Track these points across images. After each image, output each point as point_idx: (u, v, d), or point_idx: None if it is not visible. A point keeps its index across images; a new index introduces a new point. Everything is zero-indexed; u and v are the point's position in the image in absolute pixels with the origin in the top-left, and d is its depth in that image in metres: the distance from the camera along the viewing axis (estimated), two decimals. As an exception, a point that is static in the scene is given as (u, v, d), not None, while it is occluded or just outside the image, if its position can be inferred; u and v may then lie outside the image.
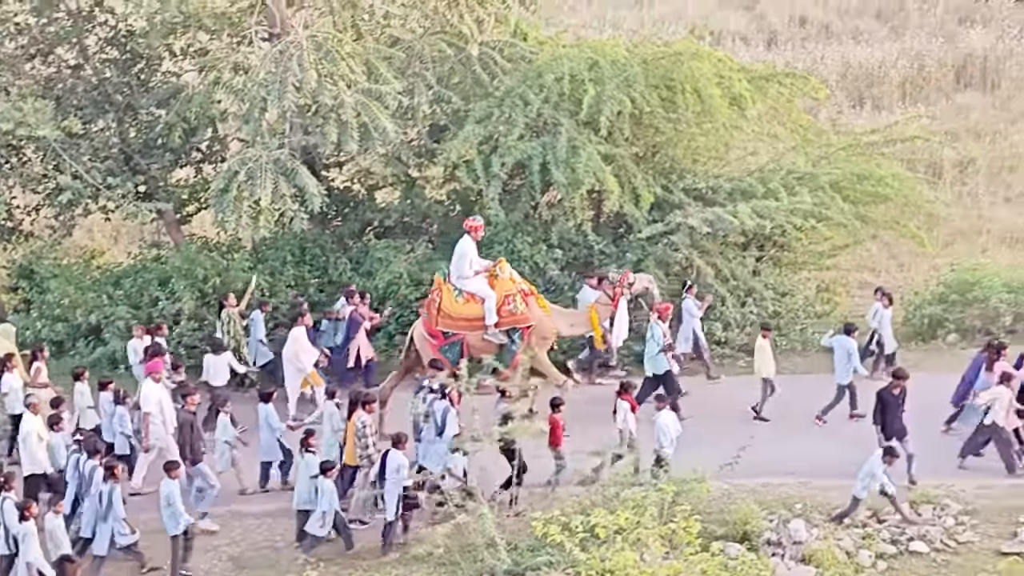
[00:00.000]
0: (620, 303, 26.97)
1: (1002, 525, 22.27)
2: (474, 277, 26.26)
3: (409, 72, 30.14)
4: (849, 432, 25.44)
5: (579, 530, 18.32)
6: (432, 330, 26.23)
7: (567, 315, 27.44)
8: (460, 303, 26.12)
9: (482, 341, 26.12)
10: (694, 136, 31.15)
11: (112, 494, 21.28)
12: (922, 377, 26.43)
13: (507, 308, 26.09)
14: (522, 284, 26.71)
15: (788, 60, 46.50)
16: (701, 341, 28.43)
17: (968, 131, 42.85)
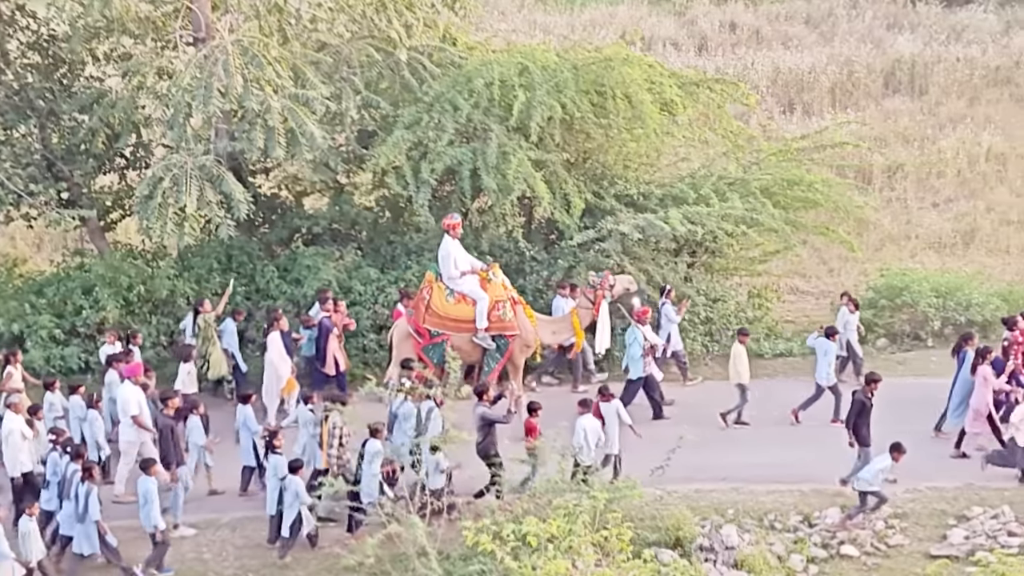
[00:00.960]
0: (601, 307, 27.12)
1: (931, 528, 22.55)
2: (466, 277, 26.30)
3: (337, 77, 30.08)
4: (779, 436, 25.70)
5: (511, 539, 18.31)
6: (419, 328, 26.24)
7: (550, 323, 27.58)
8: (451, 303, 26.18)
9: (468, 344, 26.18)
10: (625, 142, 31.25)
11: (88, 496, 21.23)
12: (850, 382, 26.73)
13: (497, 314, 26.20)
14: (512, 292, 26.80)
15: (719, 66, 46.89)
16: (676, 344, 28.74)
17: (897, 136, 43.36)
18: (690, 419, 26.16)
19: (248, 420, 23.99)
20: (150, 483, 21.45)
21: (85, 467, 21.51)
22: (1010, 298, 31.63)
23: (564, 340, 27.78)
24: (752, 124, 38.19)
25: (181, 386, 25.97)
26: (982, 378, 24.75)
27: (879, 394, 24.50)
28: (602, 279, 27.25)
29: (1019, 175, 41.27)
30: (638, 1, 56.21)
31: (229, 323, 28.10)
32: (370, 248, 31.42)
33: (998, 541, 21.98)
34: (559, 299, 28.49)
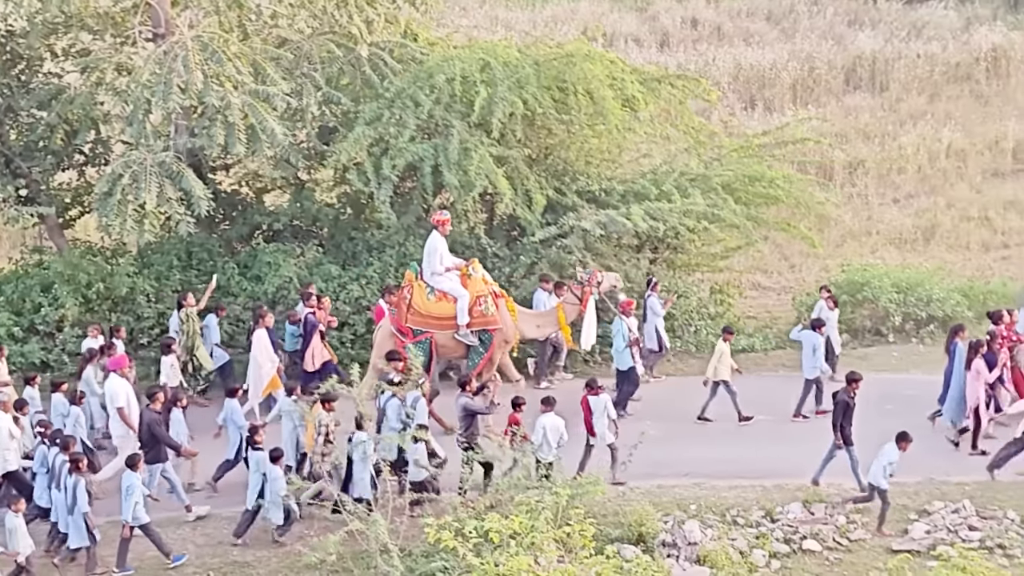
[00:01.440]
0: (588, 303, 27.20)
1: (893, 524, 22.62)
2: (447, 275, 26.25)
3: (297, 73, 30.04)
4: (741, 432, 25.82)
5: (473, 535, 18.33)
6: (401, 327, 26.18)
7: (534, 317, 27.63)
8: (432, 301, 26.11)
9: (451, 341, 26.17)
10: (587, 138, 31.29)
11: (76, 488, 21.24)
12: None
13: (479, 309, 26.13)
14: (493, 286, 26.76)
15: (680, 62, 47.05)
16: (663, 339, 28.81)
17: (857, 133, 43.59)
18: (653, 415, 26.30)
19: (234, 414, 24.01)
20: (134, 478, 21.46)
21: (73, 459, 21.47)
22: (970, 293, 31.85)
23: (548, 334, 27.81)
24: (714, 120, 38.32)
25: (165, 379, 26.00)
26: (975, 372, 24.82)
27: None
28: (590, 275, 27.36)
29: (979, 171, 41.59)
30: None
31: (211, 319, 28.08)
32: (331, 245, 31.39)
33: (959, 535, 22.13)
34: (540, 292, 28.53)
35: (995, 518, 22.68)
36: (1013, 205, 39.41)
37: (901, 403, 26.47)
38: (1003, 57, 48.27)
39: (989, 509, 22.85)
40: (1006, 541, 21.89)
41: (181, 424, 23.90)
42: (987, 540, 21.95)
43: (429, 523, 18.46)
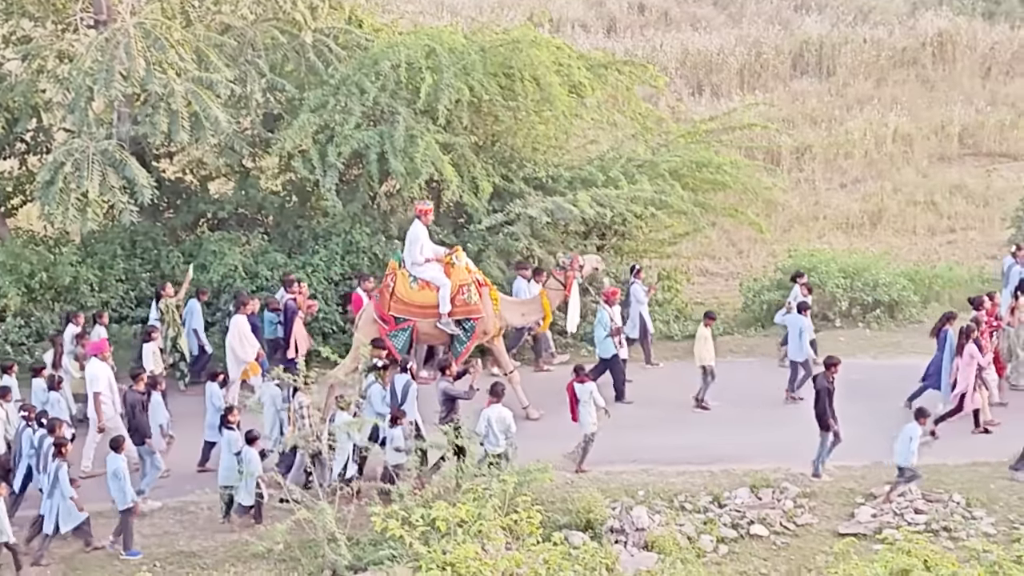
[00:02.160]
0: (572, 288, 27.19)
1: (839, 507, 22.85)
2: (429, 264, 26.23)
3: (241, 60, 29.94)
4: (688, 418, 25.97)
5: (420, 523, 18.39)
6: (384, 314, 26.16)
7: (518, 304, 27.58)
8: (415, 289, 26.04)
9: (433, 329, 26.16)
10: (534, 124, 31.32)
11: (59, 472, 21.38)
12: (758, 362, 27.07)
13: (461, 298, 26.07)
14: (477, 274, 26.73)
15: (628, 48, 47.22)
16: (648, 326, 28.91)
17: (805, 118, 43.90)
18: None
19: (214, 396, 24.07)
20: (120, 461, 21.60)
21: (58, 443, 21.58)
22: (916, 278, 32.11)
23: (534, 321, 27.82)
24: (661, 106, 38.45)
25: (148, 366, 25.83)
26: (968, 357, 24.89)
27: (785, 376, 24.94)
28: (571, 260, 27.34)
29: (925, 156, 41.99)
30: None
31: (193, 303, 28.02)
32: (277, 233, 31.34)
33: (905, 518, 22.31)
34: (520, 281, 28.62)
35: (941, 501, 22.89)
36: (959, 189, 39.78)
37: (847, 387, 26.52)
38: (949, 42, 48.75)
39: (935, 492, 23.05)
40: (951, 524, 22.10)
41: (161, 408, 23.89)
42: (933, 523, 22.15)
43: (375, 512, 18.51)
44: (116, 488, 21.62)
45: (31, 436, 22.41)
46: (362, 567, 20.32)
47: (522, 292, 28.24)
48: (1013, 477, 23.59)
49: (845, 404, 24.02)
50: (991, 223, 37.62)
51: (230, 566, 21.47)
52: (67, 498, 21.45)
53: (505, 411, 22.92)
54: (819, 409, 23.39)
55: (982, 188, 39.66)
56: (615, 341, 26.88)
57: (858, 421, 24.80)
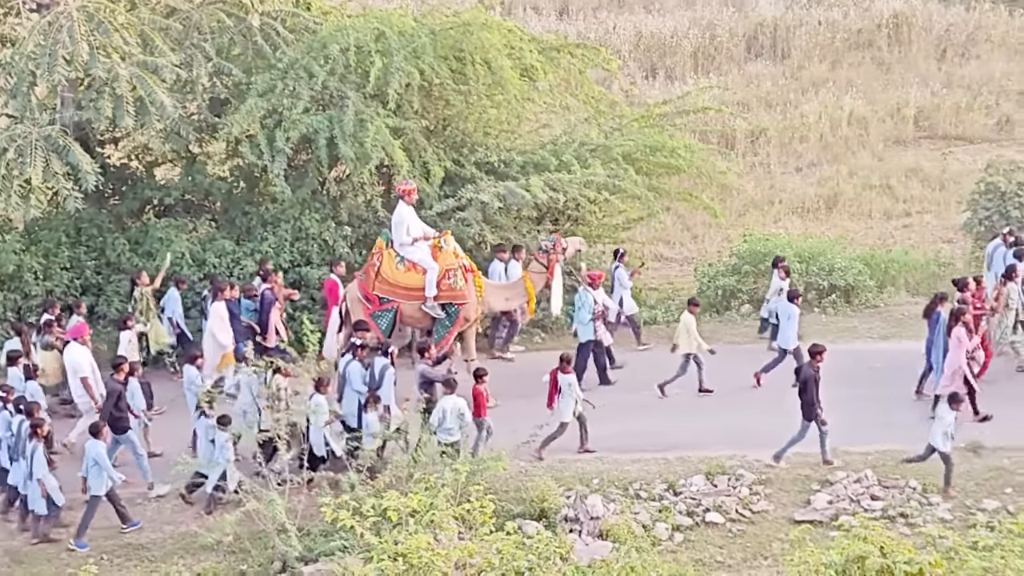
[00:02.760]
0: (555, 270, 27.29)
1: (795, 494, 22.93)
2: (418, 245, 26.35)
3: (187, 44, 29.73)
4: (643, 405, 26.00)
5: (371, 514, 18.34)
6: (368, 293, 26.35)
7: (502, 289, 27.75)
8: (401, 271, 26.27)
9: (418, 312, 26.31)
10: (485, 108, 31.32)
11: (35, 453, 21.70)
12: (714, 348, 27.16)
13: (447, 282, 26.26)
14: (464, 259, 26.82)
15: (580, 30, 47.27)
16: (628, 308, 29.07)
17: (759, 101, 44.03)
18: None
19: (194, 380, 24.15)
20: (100, 447, 21.85)
21: (34, 424, 21.88)
22: (872, 262, 32.28)
23: (517, 305, 27.97)
24: (614, 89, 38.39)
25: (124, 353, 25.82)
26: (956, 339, 24.90)
27: (748, 359, 24.89)
28: (554, 243, 27.43)
29: (880, 139, 42.17)
30: (498, -36, 56.35)
31: (172, 291, 28.01)
32: (224, 219, 31.19)
33: (861, 505, 22.42)
34: (497, 264, 28.81)
35: (897, 487, 23.00)
36: (915, 173, 39.97)
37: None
38: (904, 23, 49.00)
39: (891, 478, 23.17)
40: (908, 510, 22.20)
41: (138, 394, 24.09)
42: (889, 509, 22.26)
43: (326, 502, 18.45)
44: (94, 474, 21.80)
45: (9, 419, 22.60)
46: (312, 558, 20.32)
47: (497, 275, 28.44)
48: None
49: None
50: (947, 207, 37.81)
51: (179, 558, 21.47)
52: (35, 480, 21.68)
53: (460, 401, 23.01)
54: (806, 398, 23.37)
55: (938, 171, 39.86)
56: (596, 326, 26.97)
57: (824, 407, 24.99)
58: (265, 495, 20.66)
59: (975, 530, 18.79)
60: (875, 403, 25.66)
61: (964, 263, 33.38)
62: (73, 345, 24.73)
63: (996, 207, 32.06)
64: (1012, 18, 49.59)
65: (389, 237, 26.70)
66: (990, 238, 30.01)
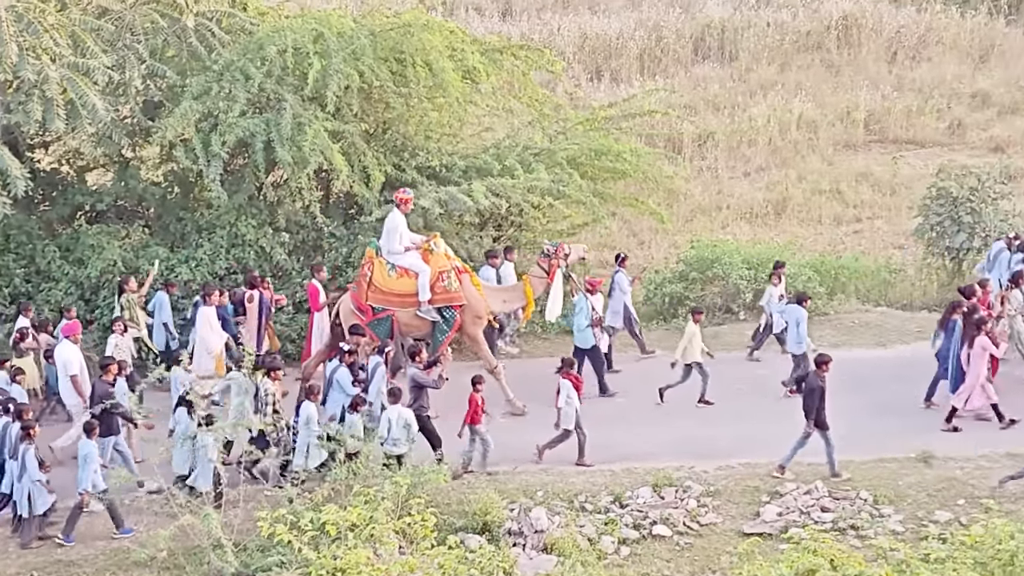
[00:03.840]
0: (556, 276, 27.35)
1: (744, 506, 23.01)
2: (408, 251, 26.44)
3: (119, 45, 29.53)
4: (589, 416, 25.91)
5: (309, 528, 18.32)
6: (361, 304, 26.43)
7: (500, 291, 27.92)
8: (393, 278, 26.37)
9: (414, 318, 26.41)
10: (426, 112, 31.27)
11: (27, 455, 21.80)
12: (661, 356, 27.22)
13: (441, 285, 26.36)
14: (456, 261, 26.93)
15: (524, 31, 47.33)
16: (632, 315, 29.08)
17: (707, 104, 44.18)
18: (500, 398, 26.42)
19: (180, 377, 24.29)
20: (91, 446, 21.96)
21: (25, 426, 22.00)
22: (822, 269, 32.44)
23: (515, 308, 28.12)
24: (558, 92, 38.48)
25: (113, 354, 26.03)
26: (980, 348, 25.09)
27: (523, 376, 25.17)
28: (556, 248, 27.53)
29: (830, 143, 42.42)
30: (440, -37, 56.36)
31: (161, 296, 27.97)
32: (158, 225, 31.04)
33: (811, 517, 22.50)
34: (487, 269, 28.93)
35: (848, 498, 23.11)
36: (865, 177, 40.24)
37: (752, 383, 26.95)
38: (854, 25, 49.29)
39: (842, 489, 23.27)
40: (859, 521, 22.30)
41: (125, 394, 24.03)
42: (840, 521, 22.35)
43: (262, 516, 18.42)
44: (82, 474, 21.91)
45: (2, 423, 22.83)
46: (249, 574, 20.20)
47: (489, 280, 28.56)
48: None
49: (756, 399, 24.26)
50: (898, 212, 38.08)
51: (111, 575, 21.30)
52: (35, 481, 21.80)
53: (406, 411, 23.06)
54: (812, 408, 23.40)
55: (888, 176, 40.15)
56: (595, 332, 27.09)
57: (767, 417, 25.11)
58: (200, 509, 20.58)
59: (927, 542, 18.89)
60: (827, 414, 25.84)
61: (915, 269, 33.68)
62: (65, 343, 25.02)
63: (948, 212, 32.32)
64: (964, 20, 49.97)
65: (378, 245, 26.82)
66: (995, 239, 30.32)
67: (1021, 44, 49.55)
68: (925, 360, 26.93)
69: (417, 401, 23.70)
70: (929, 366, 26.62)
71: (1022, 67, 47.58)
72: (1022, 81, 46.60)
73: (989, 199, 32.49)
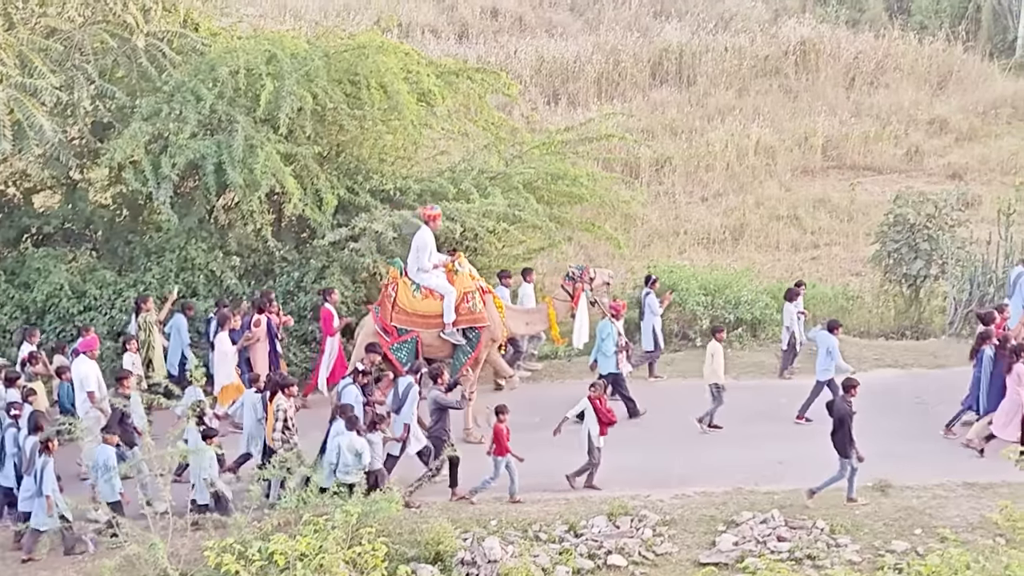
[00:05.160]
0: (580, 300, 27.50)
1: (700, 535, 22.98)
2: (433, 271, 26.58)
3: (68, 65, 29.38)
4: (543, 443, 25.83)
5: (257, 558, 18.17)
6: (386, 325, 26.48)
7: (523, 314, 28.08)
8: (418, 299, 26.52)
9: (437, 339, 26.53)
10: (381, 134, 31.26)
11: (44, 469, 22.08)
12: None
13: (466, 306, 26.54)
14: (480, 282, 27.02)
15: (480, 54, 47.33)
16: (659, 339, 29.24)
17: (664, 128, 44.25)
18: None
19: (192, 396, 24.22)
20: (110, 452, 22.36)
21: (43, 440, 22.37)
22: (779, 295, 32.35)
23: (537, 331, 28.39)
24: (515, 115, 38.54)
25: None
26: (1016, 376, 25.05)
27: (647, 396, 24.89)
28: (582, 271, 27.75)
29: (788, 169, 42.51)
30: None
31: (180, 319, 28.09)
32: (106, 249, 30.85)
33: (768, 546, 22.50)
34: (501, 289, 29.20)
35: (804, 528, 23.11)
36: (823, 203, 40.33)
37: (704, 410, 26.88)
38: (812, 50, 49.54)
39: (798, 519, 23.28)
40: (815, 551, 22.30)
41: (139, 407, 24.35)
42: (796, 550, 22.35)
43: (209, 545, 18.25)
44: (104, 480, 22.26)
45: (15, 435, 23.23)
46: (196, 605, 20.07)
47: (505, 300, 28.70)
48: None
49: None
50: (855, 238, 38.17)
51: (54, 606, 21.19)
52: (44, 495, 22.03)
53: (357, 439, 22.85)
54: (841, 435, 23.35)
55: (846, 202, 40.25)
56: (619, 358, 27.20)
57: (722, 444, 25.08)
58: (146, 538, 20.38)
59: (883, 572, 18.95)
60: (780, 440, 25.85)
61: (873, 297, 33.75)
62: (82, 359, 25.28)
63: (905, 239, 32.40)
64: (921, 46, 50.26)
65: (401, 265, 26.91)
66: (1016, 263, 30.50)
67: (979, 70, 49.90)
68: (883, 388, 27.00)
69: (439, 423, 23.94)
70: (887, 393, 26.72)
71: (979, 94, 47.88)
72: (980, 107, 46.91)
73: (946, 226, 32.59)
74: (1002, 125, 46.16)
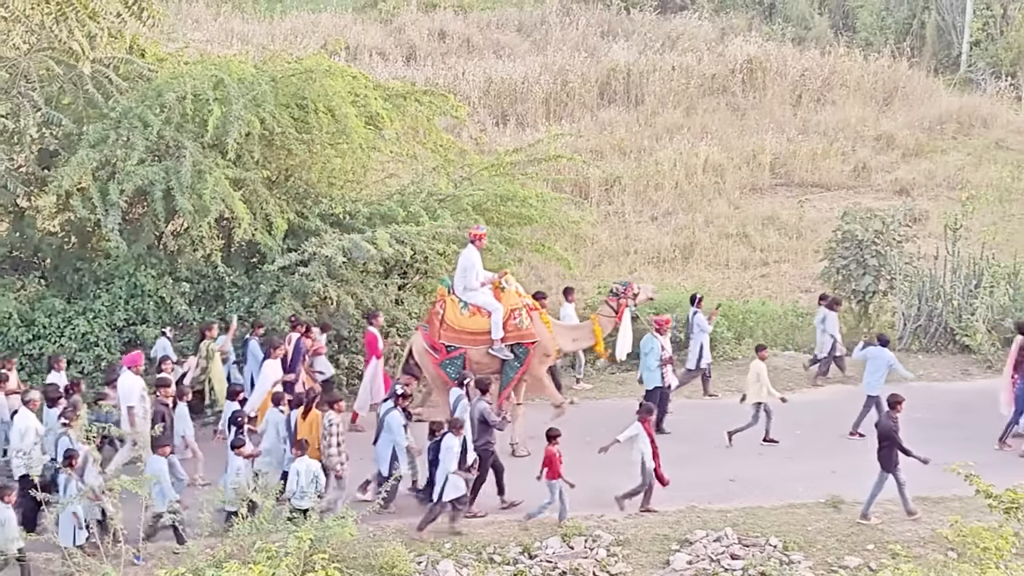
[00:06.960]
0: (624, 316, 27.63)
1: (654, 555, 23.09)
2: (480, 289, 26.68)
3: (14, 92, 29.28)
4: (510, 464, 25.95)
5: (210, 586, 18.17)
6: (435, 343, 26.59)
7: (569, 330, 28.23)
8: (465, 316, 26.59)
9: (485, 356, 26.54)
10: (329, 158, 31.22)
11: (68, 485, 22.14)
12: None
13: (513, 322, 26.59)
14: (527, 299, 27.16)
15: (428, 76, 47.31)
16: (705, 357, 29.43)
17: (613, 148, 44.33)
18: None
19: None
20: (162, 463, 22.79)
21: (67, 455, 22.47)
22: (730, 313, 32.61)
23: (584, 347, 28.60)
24: (463, 137, 38.51)
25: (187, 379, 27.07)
26: None
27: (593, 415, 24.96)
28: (626, 287, 27.90)
29: (737, 187, 42.64)
30: (342, 9, 56.50)
31: (253, 344, 28.22)
32: (55, 276, 30.61)
33: (721, 564, 22.68)
34: (567, 306, 30.04)
35: (757, 545, 23.28)
36: (772, 221, 40.47)
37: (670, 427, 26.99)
38: (759, 68, 49.74)
39: (752, 536, 23.44)
40: (768, 568, 22.48)
41: (186, 419, 25.22)
42: (750, 568, 22.53)
43: (162, 574, 18.21)
44: (156, 491, 22.51)
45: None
46: (148, 634, 20.01)
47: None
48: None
49: (669, 445, 24.34)
50: (804, 255, 38.34)
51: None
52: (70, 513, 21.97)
53: (313, 463, 22.93)
54: (889, 452, 23.47)
55: (795, 219, 40.43)
56: (663, 372, 27.40)
57: (677, 463, 25.13)
58: (98, 567, 20.31)
59: (836, 588, 19.07)
60: (732, 458, 25.95)
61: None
62: (127, 373, 25.42)
63: (853, 256, 32.60)
64: (867, 63, 50.57)
65: (449, 284, 27.08)
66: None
67: (924, 86, 50.26)
68: (834, 404, 27.16)
69: (483, 437, 24.12)
70: (843, 409, 26.99)
71: (925, 109, 48.21)
72: (925, 123, 47.25)
73: (894, 242, 32.83)
74: (948, 140, 46.49)
